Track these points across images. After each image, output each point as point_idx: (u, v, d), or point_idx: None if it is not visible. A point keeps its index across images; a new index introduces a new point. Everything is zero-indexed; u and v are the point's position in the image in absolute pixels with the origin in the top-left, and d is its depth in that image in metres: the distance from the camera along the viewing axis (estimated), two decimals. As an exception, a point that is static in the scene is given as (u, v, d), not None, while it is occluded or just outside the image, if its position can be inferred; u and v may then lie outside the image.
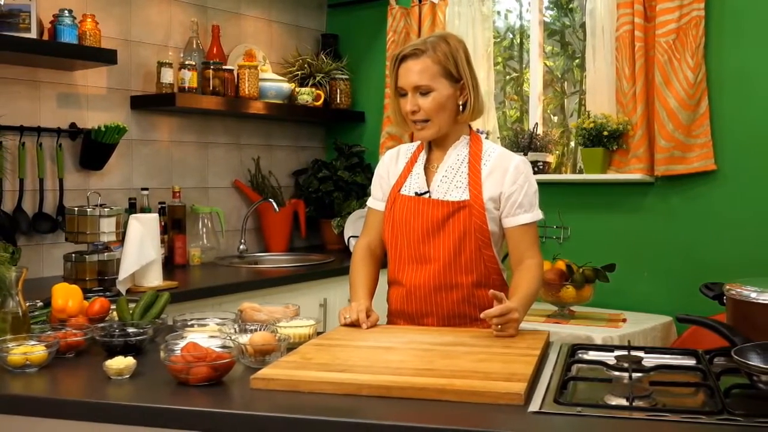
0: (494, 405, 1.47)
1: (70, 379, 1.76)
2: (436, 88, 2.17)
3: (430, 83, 2.16)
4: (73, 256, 2.90)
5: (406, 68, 2.19)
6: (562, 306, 3.46)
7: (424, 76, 2.16)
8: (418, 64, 2.17)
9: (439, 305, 2.20)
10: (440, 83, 2.17)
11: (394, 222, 2.26)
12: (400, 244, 2.25)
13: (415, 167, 2.30)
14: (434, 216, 2.19)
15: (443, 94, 2.18)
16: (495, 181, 2.19)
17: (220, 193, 4.08)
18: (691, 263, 3.52)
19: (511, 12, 4.48)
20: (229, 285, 3.21)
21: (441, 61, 2.17)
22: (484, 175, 2.20)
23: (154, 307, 2.13)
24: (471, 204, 2.17)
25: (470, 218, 2.17)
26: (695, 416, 1.39)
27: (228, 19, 4.10)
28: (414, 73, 2.17)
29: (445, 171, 2.24)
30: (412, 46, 2.20)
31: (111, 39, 3.47)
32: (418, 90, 2.17)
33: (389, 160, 2.38)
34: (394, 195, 2.28)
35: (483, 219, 2.17)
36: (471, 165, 2.22)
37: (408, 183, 2.28)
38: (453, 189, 2.21)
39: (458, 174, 2.22)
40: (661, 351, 1.91)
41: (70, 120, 3.39)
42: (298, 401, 1.51)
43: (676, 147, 3.47)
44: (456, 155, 2.25)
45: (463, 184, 2.20)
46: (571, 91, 4.49)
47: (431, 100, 2.17)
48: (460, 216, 2.17)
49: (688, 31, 3.45)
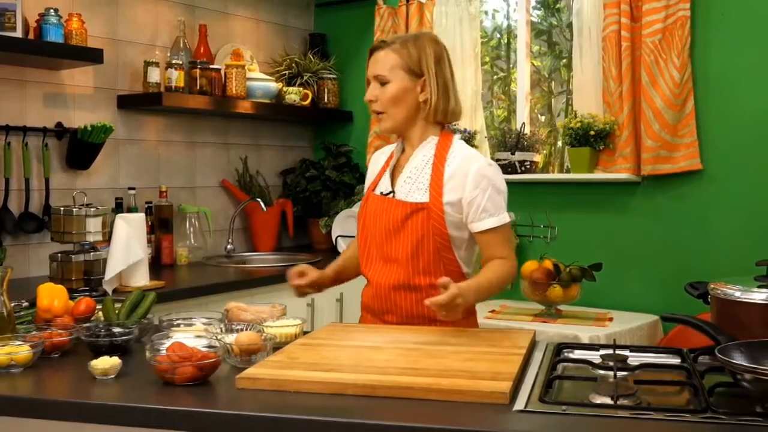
0: (480, 404, 1.47)
1: (55, 379, 1.75)
2: (392, 80, 2.20)
3: (387, 74, 2.20)
4: (59, 255, 2.89)
5: (372, 59, 2.25)
6: (549, 305, 3.47)
7: (383, 67, 2.21)
8: (380, 55, 2.22)
9: (399, 305, 2.21)
10: (397, 75, 2.20)
11: (364, 220, 2.30)
12: (369, 242, 2.28)
13: (388, 168, 2.32)
14: (395, 216, 2.20)
15: (398, 86, 2.20)
16: (455, 186, 2.16)
17: (207, 193, 4.07)
18: (677, 262, 3.54)
19: (498, 12, 4.49)
20: (216, 285, 3.21)
21: (402, 53, 2.20)
22: (446, 177, 2.18)
23: (141, 307, 2.12)
24: (430, 207, 2.16)
25: (428, 221, 2.16)
26: (679, 415, 1.40)
27: (215, 19, 4.09)
28: (374, 63, 2.23)
29: (410, 171, 2.24)
30: (380, 40, 2.29)
31: (97, 38, 3.46)
32: (377, 80, 2.22)
33: (372, 161, 2.45)
34: (368, 194, 2.33)
35: (442, 222, 2.16)
36: (434, 166, 2.21)
37: (381, 182, 2.31)
38: (415, 190, 2.20)
39: (422, 175, 2.22)
40: (646, 350, 1.92)
41: (57, 119, 3.38)
42: (284, 401, 1.51)
43: (663, 147, 3.49)
44: (422, 156, 2.24)
45: (424, 186, 2.19)
46: (558, 91, 4.50)
47: (385, 91, 2.20)
48: (418, 218, 2.17)
49: (674, 32, 3.47)
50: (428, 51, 2.21)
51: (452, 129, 2.39)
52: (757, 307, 1.72)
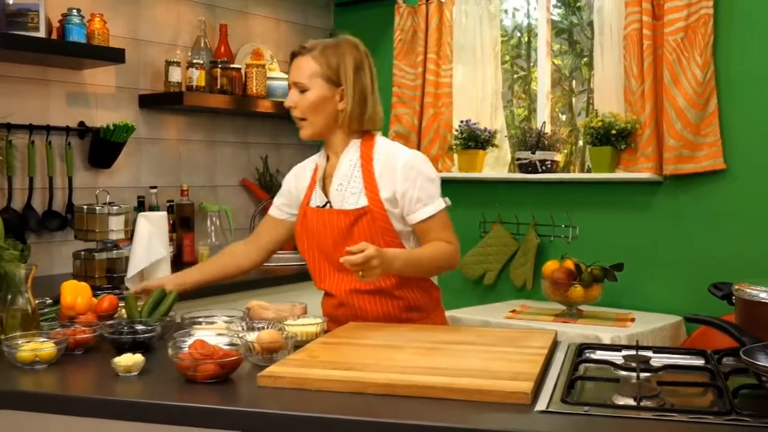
0: (501, 404, 1.46)
1: (78, 375, 1.77)
2: (311, 87, 2.20)
3: (306, 81, 2.20)
4: (82, 253, 2.91)
5: (293, 64, 2.25)
6: (570, 305, 3.45)
7: (301, 74, 2.21)
8: (299, 62, 2.22)
9: (362, 308, 2.22)
10: (316, 83, 2.20)
11: (307, 234, 2.29)
12: (318, 255, 2.28)
13: (318, 180, 2.32)
14: (339, 226, 2.20)
15: (317, 94, 2.20)
16: (387, 182, 2.19)
17: (228, 192, 4.09)
18: (700, 263, 3.51)
19: (518, 10, 4.48)
20: (238, 283, 3.21)
21: (322, 62, 2.20)
22: (377, 176, 2.20)
23: (163, 304, 2.14)
24: (371, 209, 2.18)
25: (373, 222, 2.17)
26: (703, 416, 1.39)
27: (236, 18, 4.10)
28: (294, 70, 2.23)
29: (340, 179, 2.24)
30: (302, 43, 2.27)
31: (119, 38, 3.49)
32: (297, 87, 2.22)
33: (295, 175, 2.42)
34: (304, 209, 2.31)
35: (386, 221, 2.18)
36: (363, 168, 2.22)
37: (314, 195, 2.30)
38: (349, 196, 2.21)
39: (352, 180, 2.22)
40: (669, 351, 1.90)
41: (79, 118, 3.41)
42: (304, 399, 1.51)
43: (685, 146, 3.46)
44: (348, 161, 2.25)
45: (358, 189, 2.20)
46: (579, 90, 4.48)
47: (304, 98, 2.20)
48: (363, 222, 2.18)
49: (696, 30, 3.44)
50: (347, 59, 2.22)
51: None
52: (782, 309, 1.70)
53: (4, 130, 3.12)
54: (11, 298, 1.93)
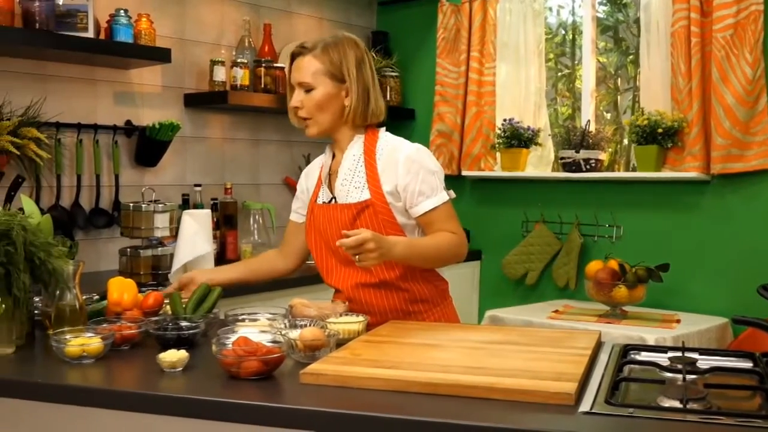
0: (544, 405, 1.45)
1: (124, 370, 1.79)
2: (317, 86, 2.20)
3: (311, 81, 2.20)
4: (128, 250, 2.96)
5: (294, 65, 2.25)
6: (614, 306, 3.41)
7: (306, 74, 2.21)
8: (303, 62, 2.22)
9: (368, 302, 2.23)
10: (322, 81, 2.20)
11: (315, 230, 2.31)
12: (325, 251, 2.29)
13: (324, 175, 2.34)
14: (342, 220, 2.21)
15: (323, 92, 2.20)
16: (389, 175, 2.20)
17: (271, 190, 4.12)
18: (748, 264, 3.44)
19: (563, 8, 4.44)
20: (280, 281, 3.22)
21: (325, 60, 2.20)
22: (380, 170, 2.21)
23: (207, 301, 2.16)
24: (373, 202, 2.19)
25: (376, 216, 2.18)
26: (751, 420, 1.36)
27: (279, 18, 4.13)
28: (298, 70, 2.22)
29: (344, 174, 2.26)
30: (300, 44, 2.26)
31: (165, 38, 3.53)
32: (302, 87, 2.22)
33: (306, 174, 2.46)
34: (311, 206, 2.34)
35: (389, 214, 2.19)
36: (367, 163, 2.23)
37: (320, 193, 2.33)
38: (353, 190, 2.23)
39: (356, 174, 2.24)
40: (716, 353, 1.87)
41: (126, 117, 3.46)
42: (346, 397, 1.52)
43: (734, 145, 3.40)
44: (352, 156, 2.27)
45: (361, 184, 2.22)
46: (624, 88, 4.43)
47: (311, 98, 2.21)
48: (365, 215, 2.19)
49: (746, 26, 3.37)
50: (349, 56, 2.23)
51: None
52: (834, 311, 1.66)
53: (53, 129, 3.18)
54: (59, 294, 1.97)
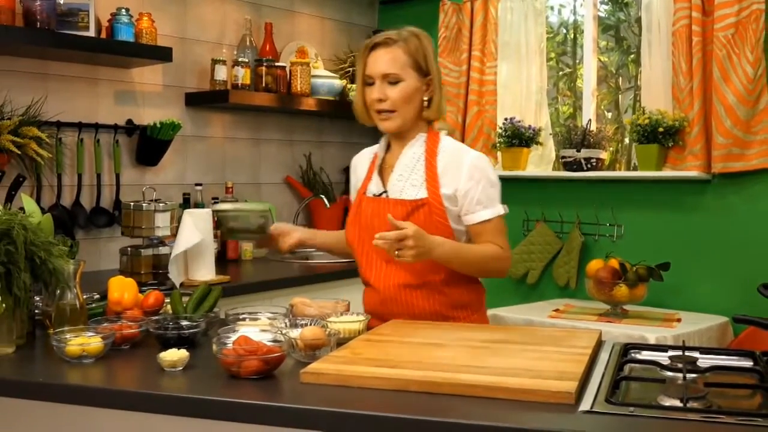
0: (545, 404, 1.45)
1: (125, 370, 1.79)
2: (405, 79, 2.16)
3: (400, 72, 2.16)
4: (128, 249, 2.96)
5: (376, 56, 2.18)
6: (614, 305, 3.41)
7: (394, 65, 2.16)
8: (390, 53, 2.16)
9: (407, 304, 2.19)
10: (409, 74, 2.17)
11: (360, 223, 2.28)
12: (367, 245, 2.23)
13: (376, 168, 2.30)
14: (394, 215, 2.13)
15: (411, 85, 2.17)
16: (450, 179, 2.17)
17: (272, 189, 4.12)
18: (749, 263, 3.44)
19: (564, 7, 4.43)
20: (281, 280, 3.24)
21: (412, 52, 2.17)
22: (440, 171, 2.18)
23: (207, 300, 2.16)
24: (430, 202, 2.16)
25: (430, 216, 2.15)
26: (752, 419, 1.36)
27: (281, 17, 4.13)
28: (385, 61, 2.16)
29: (401, 170, 2.23)
30: (384, 35, 2.20)
31: (166, 37, 3.53)
32: (387, 79, 2.16)
33: (355, 165, 2.43)
34: (360, 197, 2.31)
35: (443, 216, 2.16)
36: (427, 162, 2.20)
37: (371, 184, 2.29)
38: (408, 187, 2.20)
39: (414, 172, 2.21)
40: (716, 352, 1.87)
41: (127, 116, 3.46)
42: (347, 396, 1.52)
43: (735, 144, 3.40)
44: (412, 153, 2.23)
45: (418, 182, 2.19)
46: (625, 87, 4.42)
47: (399, 90, 2.16)
48: (420, 214, 2.15)
49: (747, 26, 3.37)
50: (430, 49, 2.21)
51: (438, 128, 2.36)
52: (835, 310, 1.66)
53: (54, 128, 3.18)
54: (60, 293, 1.97)
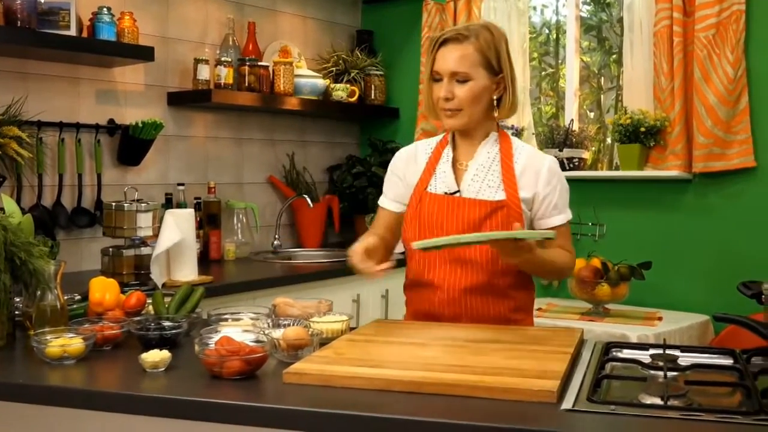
0: (527, 402, 1.46)
1: (106, 371, 1.78)
2: (475, 78, 2.08)
3: (469, 71, 2.07)
4: (110, 250, 2.94)
5: (445, 52, 2.08)
6: (596, 304, 3.43)
7: (463, 63, 2.07)
8: (459, 50, 2.07)
9: (473, 307, 2.13)
10: (479, 73, 2.08)
11: (421, 221, 2.15)
12: None
13: (440, 165, 2.19)
14: (471, 216, 2.10)
15: (480, 84, 2.09)
16: (528, 182, 2.13)
17: (254, 189, 4.11)
18: (729, 261, 3.47)
19: (547, 7, 4.45)
20: (263, 280, 3.23)
21: (483, 49, 2.07)
22: (518, 174, 2.13)
23: (189, 301, 2.15)
24: (509, 204, 2.10)
25: (508, 218, 2.08)
26: (731, 416, 1.37)
27: (264, 16, 4.12)
28: (453, 59, 2.07)
29: (476, 169, 2.15)
30: (455, 30, 2.10)
31: (148, 36, 3.51)
32: (455, 77, 2.08)
33: (406, 159, 2.27)
34: (420, 193, 2.18)
35: (521, 219, 2.09)
36: (503, 164, 2.14)
37: (434, 181, 2.18)
38: (485, 188, 2.13)
39: (490, 172, 2.14)
40: (697, 350, 1.88)
41: (109, 116, 3.44)
42: (329, 396, 1.52)
43: (715, 143, 3.43)
44: (486, 153, 2.16)
45: (495, 183, 2.12)
46: (607, 87, 4.44)
47: (467, 89, 2.08)
48: (498, 216, 2.09)
49: (728, 26, 3.40)
50: (503, 47, 2.11)
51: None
52: (813, 308, 1.68)
53: (34, 128, 3.16)
54: (40, 294, 1.95)
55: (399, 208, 2.26)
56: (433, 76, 2.13)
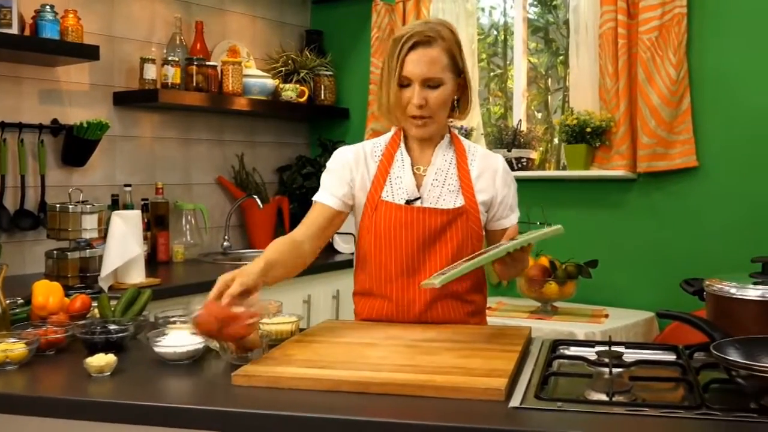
0: (475, 401, 1.47)
1: (50, 376, 1.75)
2: (446, 82, 2.01)
3: (442, 76, 2.00)
4: (54, 253, 2.88)
5: (415, 57, 1.98)
6: (545, 302, 3.47)
7: (435, 68, 1.99)
8: (429, 54, 1.98)
9: (433, 317, 2.09)
10: (448, 76, 2.02)
11: (377, 232, 2.08)
12: (386, 256, 2.08)
13: (395, 170, 2.11)
14: (431, 225, 2.05)
15: (450, 88, 2.03)
16: (486, 185, 2.11)
17: (203, 190, 4.07)
18: (673, 259, 3.54)
19: (495, 9, 4.49)
20: (213, 281, 3.16)
21: (450, 50, 2.01)
22: (474, 177, 2.11)
23: (136, 304, 2.12)
24: (467, 210, 2.07)
25: (467, 224, 2.07)
26: (674, 411, 1.40)
27: (211, 15, 4.08)
28: (425, 64, 1.98)
29: (435, 174, 2.10)
30: (421, 32, 1.98)
31: (93, 34, 3.46)
32: (427, 82, 2.00)
33: (355, 158, 2.15)
34: (376, 202, 2.09)
35: (479, 224, 2.09)
36: (460, 167, 2.10)
37: (390, 188, 2.10)
38: (445, 194, 2.08)
39: (448, 177, 2.10)
40: (641, 346, 1.92)
41: (52, 116, 3.37)
42: (279, 397, 1.51)
43: (659, 143, 3.49)
44: (442, 156, 2.12)
45: (454, 188, 2.09)
46: (554, 88, 4.50)
47: (439, 95, 2.01)
48: (458, 223, 2.06)
49: (670, 28, 3.47)
50: (461, 46, 2.07)
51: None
52: (752, 304, 1.72)
53: (-25, 128, 3.08)
54: (-18, 298, 1.91)
55: (342, 207, 2.13)
56: (400, 81, 2.01)
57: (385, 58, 2.05)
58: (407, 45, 1.98)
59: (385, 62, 2.05)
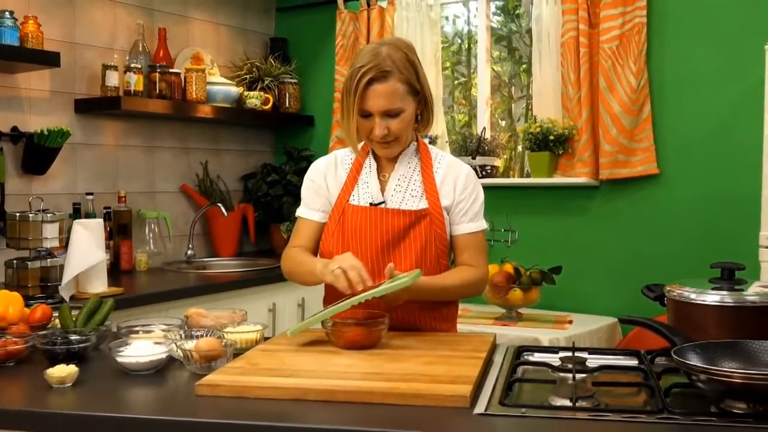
0: (440, 408, 1.47)
1: (10, 388, 1.72)
2: (406, 108, 2.09)
3: (401, 105, 2.07)
4: (14, 262, 2.84)
5: (373, 93, 2.04)
6: (509, 308, 3.49)
7: (394, 100, 2.06)
8: (387, 88, 2.04)
9: (398, 319, 2.10)
10: (407, 101, 2.09)
11: (344, 234, 2.15)
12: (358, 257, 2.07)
13: (363, 176, 2.20)
14: (394, 226, 2.11)
15: (410, 112, 2.11)
16: (448, 190, 2.17)
17: (167, 198, 4.03)
18: (634, 265, 3.59)
19: (458, 17, 4.52)
20: (176, 290, 3.18)
21: (406, 78, 2.07)
22: (438, 182, 2.17)
23: (98, 313, 2.09)
24: (431, 212, 2.13)
25: (431, 227, 2.12)
26: (636, 416, 1.42)
27: (175, 22, 4.05)
28: (383, 98, 2.04)
29: (398, 180, 2.17)
30: (376, 65, 2.04)
31: (54, 41, 3.41)
32: (390, 113, 2.07)
33: (325, 168, 2.24)
34: (343, 205, 2.17)
35: (443, 227, 2.13)
36: (424, 173, 2.18)
37: (357, 192, 2.18)
38: (408, 198, 2.15)
39: (411, 182, 2.17)
40: (604, 352, 1.94)
41: (12, 123, 3.32)
42: (243, 407, 1.50)
43: (620, 151, 3.54)
44: (407, 163, 2.19)
45: (418, 193, 2.15)
46: (518, 96, 4.54)
47: (400, 121, 2.08)
48: (421, 225, 2.11)
49: (631, 38, 3.52)
50: (417, 63, 2.12)
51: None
52: (711, 309, 1.75)
53: (-68, 136, 3.02)
54: (-61, 309, 1.87)
55: (323, 217, 2.22)
56: (361, 112, 2.08)
57: (343, 92, 2.10)
58: (363, 81, 2.03)
59: (343, 95, 2.10)
